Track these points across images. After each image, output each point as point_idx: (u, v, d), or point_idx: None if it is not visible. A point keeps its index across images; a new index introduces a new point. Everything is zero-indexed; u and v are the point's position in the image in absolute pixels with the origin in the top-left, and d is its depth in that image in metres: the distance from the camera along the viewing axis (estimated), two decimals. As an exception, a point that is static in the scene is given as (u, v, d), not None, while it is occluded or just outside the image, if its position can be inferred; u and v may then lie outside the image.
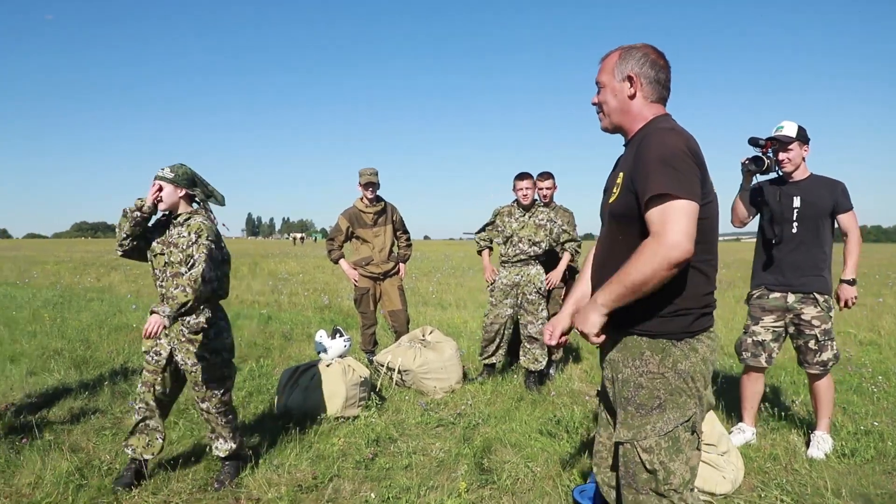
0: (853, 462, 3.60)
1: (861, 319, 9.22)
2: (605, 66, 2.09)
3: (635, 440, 1.93)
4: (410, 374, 5.19)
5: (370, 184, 5.81)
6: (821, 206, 3.72)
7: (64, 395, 4.88)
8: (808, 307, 3.74)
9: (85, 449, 3.76)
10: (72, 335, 7.50)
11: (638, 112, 2.04)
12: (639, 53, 2.03)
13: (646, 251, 1.77)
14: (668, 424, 1.91)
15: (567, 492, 3.19)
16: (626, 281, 1.80)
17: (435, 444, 3.94)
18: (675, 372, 1.92)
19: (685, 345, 1.93)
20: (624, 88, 2.03)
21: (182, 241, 3.21)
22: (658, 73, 2.03)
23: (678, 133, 1.90)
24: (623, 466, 1.99)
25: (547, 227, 5.30)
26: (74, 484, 3.22)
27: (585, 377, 5.72)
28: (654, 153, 1.84)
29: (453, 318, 9.35)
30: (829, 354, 3.74)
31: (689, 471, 1.95)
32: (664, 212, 1.78)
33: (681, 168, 1.81)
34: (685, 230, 1.74)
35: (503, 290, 5.38)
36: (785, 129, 3.72)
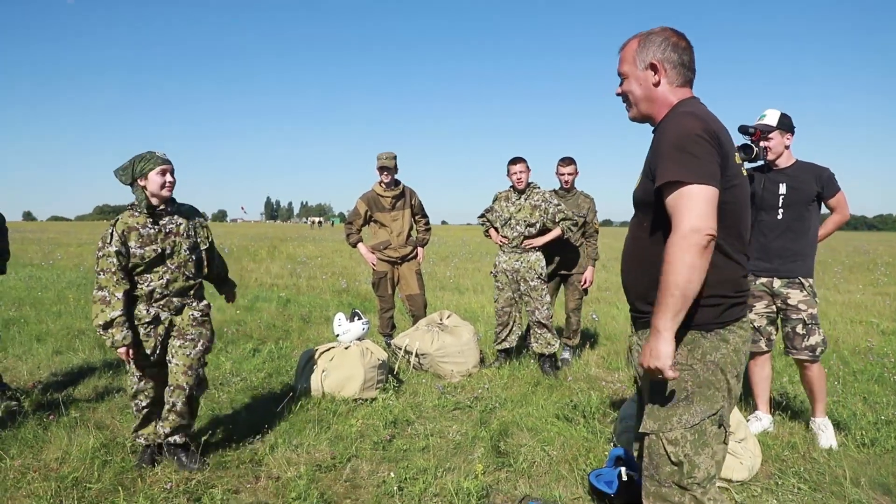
0: (873, 452, 3.57)
1: (884, 309, 9.09)
2: (625, 56, 2.03)
3: (661, 432, 1.90)
4: (428, 358, 5.22)
5: (384, 168, 5.81)
6: (806, 193, 3.73)
7: (88, 374, 4.99)
8: (794, 291, 3.75)
9: (109, 426, 3.85)
10: (95, 315, 7.63)
11: (664, 99, 1.99)
12: (658, 38, 1.98)
13: (671, 250, 1.73)
14: (695, 417, 1.87)
15: (583, 476, 3.21)
16: (671, 290, 1.73)
17: (452, 427, 3.97)
18: (704, 364, 1.87)
19: (715, 336, 1.88)
20: (648, 77, 1.98)
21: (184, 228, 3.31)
22: (681, 56, 1.97)
23: (696, 116, 1.84)
24: (647, 457, 1.96)
25: (542, 208, 5.29)
26: (100, 459, 3.30)
27: (602, 363, 5.72)
28: (670, 137, 1.81)
29: (471, 302, 9.37)
30: (817, 339, 3.72)
31: (715, 465, 1.91)
32: (678, 199, 1.75)
33: (695, 152, 1.76)
34: (701, 213, 1.71)
35: (505, 274, 5.41)
36: (767, 117, 3.75)
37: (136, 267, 3.14)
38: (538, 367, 5.35)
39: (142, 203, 3.14)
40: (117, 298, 3.07)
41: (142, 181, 3.12)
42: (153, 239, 3.16)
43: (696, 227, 1.70)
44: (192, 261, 3.30)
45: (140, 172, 3.10)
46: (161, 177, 3.12)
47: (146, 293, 3.18)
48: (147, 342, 3.21)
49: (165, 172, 3.13)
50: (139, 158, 3.12)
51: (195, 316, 3.34)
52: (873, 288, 11.95)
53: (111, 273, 3.08)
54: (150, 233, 3.15)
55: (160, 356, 3.28)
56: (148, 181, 3.11)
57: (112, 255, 3.08)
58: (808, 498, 3.02)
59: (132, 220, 3.15)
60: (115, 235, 3.09)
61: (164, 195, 3.15)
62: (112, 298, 3.06)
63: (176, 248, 3.22)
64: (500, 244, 5.47)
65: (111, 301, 3.06)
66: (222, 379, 4.91)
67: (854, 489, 3.08)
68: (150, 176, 3.10)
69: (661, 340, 1.76)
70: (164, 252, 3.18)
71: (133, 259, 3.12)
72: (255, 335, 6.70)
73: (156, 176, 3.11)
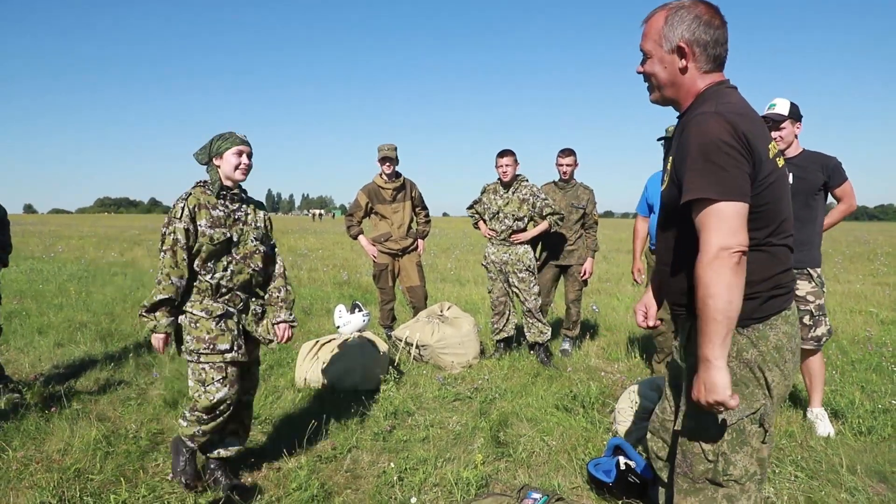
0: (870, 440, 3.59)
1: (883, 298, 9.11)
2: (650, 31, 1.83)
3: (697, 431, 1.84)
4: (428, 349, 5.24)
5: (386, 158, 5.82)
6: (812, 182, 3.71)
7: (90, 367, 5.01)
8: (803, 282, 3.75)
9: (111, 418, 3.87)
10: (97, 308, 7.67)
11: (691, 85, 1.82)
12: (689, 16, 1.76)
13: (706, 274, 1.62)
14: (732, 416, 1.79)
15: (582, 465, 3.23)
16: (715, 315, 1.61)
17: (452, 418, 3.99)
18: (740, 361, 1.78)
19: (752, 332, 1.78)
20: (674, 61, 1.80)
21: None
22: (715, 35, 1.77)
23: (722, 116, 1.66)
24: (680, 455, 1.90)
25: (529, 202, 5.30)
26: (102, 451, 3.32)
27: (602, 354, 5.74)
28: (694, 145, 1.67)
29: (471, 294, 9.39)
30: (823, 329, 3.74)
31: (756, 463, 1.82)
32: (706, 218, 1.64)
33: (723, 163, 1.62)
34: (729, 231, 1.61)
35: (495, 264, 5.44)
36: (777, 106, 3.72)
37: (201, 252, 2.86)
38: (535, 357, 5.38)
39: (215, 183, 2.93)
40: (171, 282, 2.80)
41: (217, 160, 2.93)
42: (222, 222, 2.91)
43: (725, 245, 1.60)
44: (260, 253, 3.04)
45: (217, 151, 2.91)
46: (237, 157, 2.91)
47: (212, 286, 2.90)
48: (223, 336, 2.90)
49: (241, 154, 2.92)
50: (218, 137, 2.94)
51: (257, 312, 3.11)
52: (873, 278, 11.96)
53: (172, 253, 2.81)
54: (219, 215, 2.91)
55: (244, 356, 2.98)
56: (223, 161, 2.91)
57: (179, 231, 2.81)
58: (805, 486, 3.05)
59: (203, 198, 2.91)
60: (185, 210, 2.83)
61: (238, 177, 2.94)
62: (164, 280, 2.80)
63: (243, 238, 2.99)
64: (487, 236, 5.49)
65: (162, 283, 2.81)
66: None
67: (850, 477, 3.10)
68: (226, 156, 2.90)
69: (713, 370, 1.64)
70: (232, 239, 2.94)
71: (202, 239, 2.84)
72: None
73: (231, 156, 2.90)
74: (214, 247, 2.87)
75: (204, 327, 2.88)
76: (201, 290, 2.90)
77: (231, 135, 2.93)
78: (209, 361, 2.87)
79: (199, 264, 2.88)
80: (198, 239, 2.85)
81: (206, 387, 2.87)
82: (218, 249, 2.89)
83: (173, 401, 4.13)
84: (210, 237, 2.86)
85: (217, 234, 2.87)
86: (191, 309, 2.90)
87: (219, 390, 2.87)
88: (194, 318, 2.89)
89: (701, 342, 1.66)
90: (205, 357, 2.86)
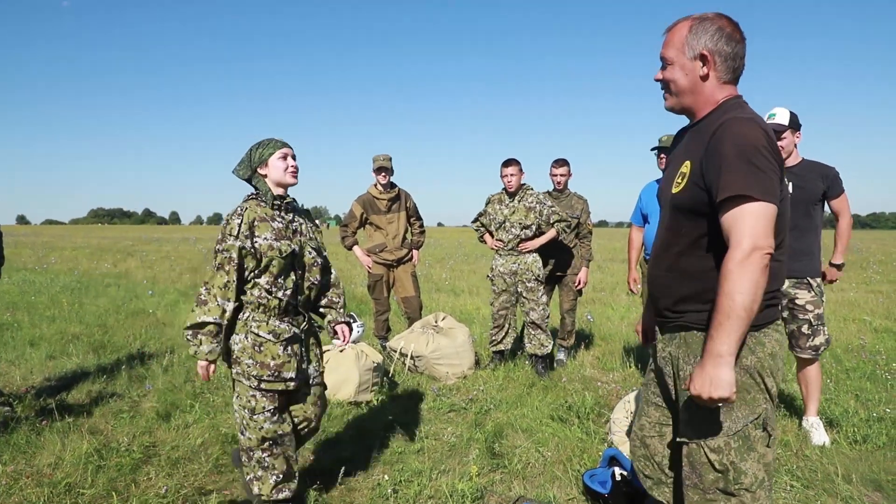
0: (865, 448, 3.59)
1: (876, 307, 9.14)
2: (673, 40, 1.87)
3: (702, 440, 1.82)
4: (423, 360, 5.22)
5: (382, 168, 5.82)
6: (812, 192, 3.71)
7: (82, 379, 4.98)
8: (802, 291, 3.75)
9: (103, 431, 3.84)
10: (90, 320, 7.62)
11: (710, 94, 1.86)
12: (713, 27, 1.82)
13: (734, 270, 1.63)
14: (737, 423, 1.79)
15: (578, 476, 3.22)
16: (738, 311, 1.63)
17: (447, 429, 3.97)
18: (741, 367, 1.79)
19: (751, 339, 1.80)
20: (696, 68, 1.84)
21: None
22: (735, 48, 1.82)
23: (757, 124, 1.71)
24: (688, 466, 1.88)
25: (536, 210, 5.30)
26: (93, 465, 3.29)
27: (597, 363, 5.73)
28: (732, 147, 1.68)
29: (466, 304, 9.38)
30: (822, 339, 3.74)
31: (763, 468, 1.82)
32: (740, 217, 1.66)
33: (761, 165, 1.66)
34: (762, 231, 1.64)
35: (502, 277, 5.40)
36: (777, 116, 3.71)
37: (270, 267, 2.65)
38: (532, 368, 5.36)
39: (267, 194, 2.72)
40: (217, 304, 2.58)
41: (262, 169, 2.73)
42: (284, 234, 2.71)
43: (758, 246, 1.63)
44: (318, 265, 2.84)
45: (259, 160, 2.72)
46: (283, 161, 2.72)
47: (277, 306, 2.68)
48: (289, 363, 2.69)
49: (287, 156, 2.73)
50: (256, 146, 2.75)
51: (314, 331, 2.92)
52: (866, 286, 12.00)
53: (224, 273, 2.60)
54: (280, 226, 2.70)
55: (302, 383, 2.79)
56: (269, 168, 2.72)
57: (234, 249, 2.60)
58: (801, 495, 3.04)
59: (260, 210, 2.70)
60: (241, 227, 2.62)
61: (289, 181, 2.74)
62: (211, 301, 2.58)
63: (302, 250, 2.78)
64: (494, 248, 5.47)
65: (209, 303, 2.58)
66: (217, 382, 4.90)
67: (846, 486, 3.09)
68: (271, 162, 2.71)
69: (722, 366, 1.65)
70: (295, 252, 2.73)
71: (270, 253, 2.62)
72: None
73: (277, 161, 2.71)
74: (284, 259, 2.66)
75: (270, 352, 2.66)
76: (268, 309, 2.68)
77: (270, 140, 2.76)
78: (270, 389, 2.65)
79: (269, 281, 2.65)
80: (263, 254, 2.63)
81: (253, 415, 2.66)
82: (287, 263, 2.69)
83: (166, 413, 4.10)
84: (279, 250, 2.65)
85: (284, 246, 2.66)
86: (256, 330, 2.66)
87: (267, 420, 2.66)
88: (259, 340, 2.66)
89: (715, 337, 1.66)
90: (266, 384, 2.64)
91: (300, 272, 2.76)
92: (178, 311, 8.35)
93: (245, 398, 2.66)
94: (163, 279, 12.70)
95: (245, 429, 2.69)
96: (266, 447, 2.69)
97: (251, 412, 2.66)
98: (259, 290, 2.65)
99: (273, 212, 2.72)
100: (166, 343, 6.34)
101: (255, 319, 2.67)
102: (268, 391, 2.65)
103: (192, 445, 3.60)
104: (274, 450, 2.71)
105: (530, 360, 5.43)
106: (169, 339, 6.57)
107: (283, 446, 2.74)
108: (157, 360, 5.56)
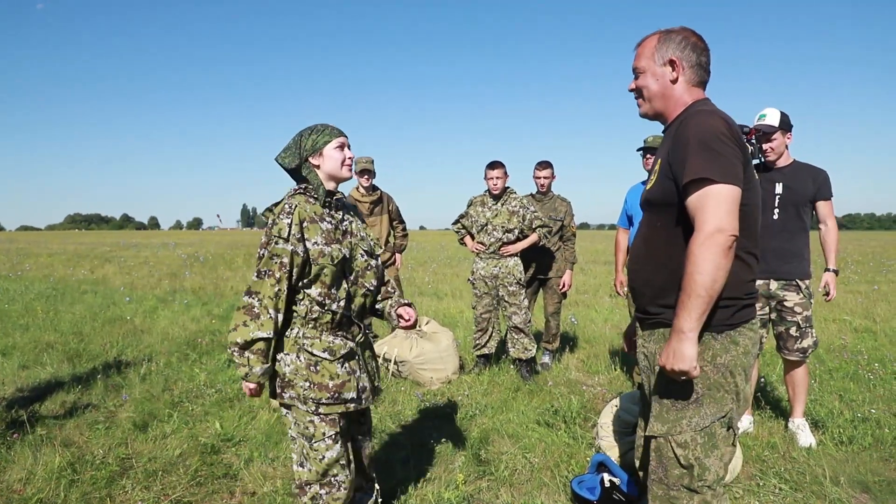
0: (851, 449, 3.59)
1: (856, 307, 9.23)
2: (644, 51, 2.02)
3: (670, 434, 1.88)
4: (407, 365, 5.16)
5: (365, 171, 5.76)
6: (802, 193, 3.70)
7: (56, 389, 4.84)
8: (791, 293, 3.73)
9: (77, 443, 3.72)
10: (65, 328, 7.45)
11: (679, 97, 1.98)
12: (679, 37, 1.97)
13: (697, 251, 1.71)
14: (705, 420, 1.86)
15: (565, 482, 3.17)
16: (698, 290, 1.71)
17: (432, 436, 3.91)
18: (714, 366, 1.85)
19: (725, 338, 1.86)
20: (666, 73, 1.97)
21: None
22: (699, 57, 1.97)
23: (718, 115, 1.83)
24: (655, 461, 1.94)
25: (520, 214, 5.26)
26: (66, 479, 3.18)
27: (583, 367, 5.70)
28: (693, 135, 1.79)
29: (449, 308, 9.32)
30: (810, 341, 3.73)
31: (723, 467, 1.90)
32: (703, 198, 1.74)
33: (721, 150, 1.75)
34: (726, 216, 1.71)
35: (483, 280, 5.36)
36: (768, 117, 3.69)
37: (321, 276, 2.33)
38: (517, 372, 5.32)
39: (318, 188, 2.39)
40: (269, 316, 2.25)
41: (315, 159, 2.39)
42: (334, 236, 2.38)
43: (720, 227, 1.70)
44: (372, 269, 2.52)
45: (313, 148, 2.38)
46: (340, 151, 2.40)
47: (331, 320, 2.38)
48: (350, 383, 2.39)
49: (344, 146, 2.42)
50: (309, 131, 2.41)
51: (370, 342, 2.64)
52: (844, 286, 12.13)
53: (275, 281, 2.25)
54: (329, 228, 2.37)
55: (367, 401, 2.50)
56: (323, 159, 2.38)
57: (286, 254, 2.26)
58: (790, 498, 3.02)
59: (310, 209, 2.36)
60: (292, 228, 2.28)
61: (345, 175, 2.43)
62: (263, 314, 2.24)
63: (354, 253, 2.47)
64: (475, 251, 5.42)
65: (261, 316, 2.24)
66: (196, 391, 4.80)
67: (834, 488, 3.08)
68: (327, 151, 2.38)
69: (685, 342, 1.74)
70: (346, 257, 2.41)
71: (321, 260, 2.30)
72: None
73: (334, 151, 2.38)
74: (335, 267, 2.34)
75: (327, 372, 2.35)
76: (321, 324, 2.36)
77: (325, 126, 2.42)
78: (329, 413, 2.35)
79: (321, 292, 2.33)
80: (314, 261, 2.31)
81: (312, 443, 2.36)
82: (338, 270, 2.37)
83: (143, 423, 3.99)
84: (331, 256, 2.32)
85: (335, 252, 2.34)
86: (310, 348, 2.34)
87: (329, 448, 2.36)
88: (314, 359, 2.35)
89: (678, 314, 1.76)
90: (325, 408, 2.34)
91: (353, 279, 2.44)
92: (156, 318, 8.20)
93: (302, 425, 2.36)
94: (141, 285, 12.49)
95: (305, 459, 2.39)
96: (326, 482, 2.39)
97: (309, 440, 2.35)
98: (310, 303, 2.34)
99: (323, 210, 2.40)
100: (144, 351, 6.21)
101: (306, 336, 2.35)
102: (327, 415, 2.36)
103: (170, 457, 3.50)
104: (333, 486, 2.41)
105: (514, 365, 5.39)
106: (147, 346, 6.43)
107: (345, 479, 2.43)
108: (134, 369, 5.43)
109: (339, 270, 2.37)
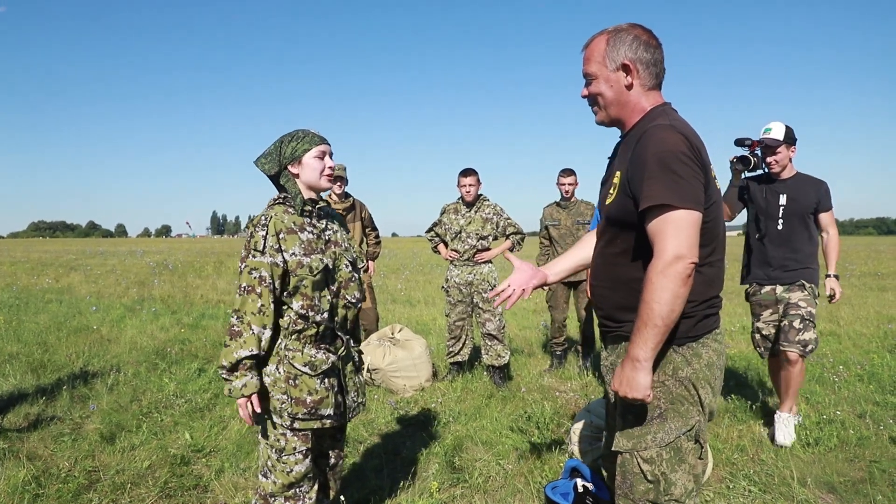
0: (817, 451, 3.66)
1: (820, 310, 9.43)
2: (592, 55, 1.89)
3: (635, 450, 1.84)
4: (380, 373, 5.13)
5: (337, 178, 5.73)
6: (805, 204, 3.86)
7: (20, 401, 4.71)
8: (796, 292, 3.87)
9: (42, 456, 3.63)
10: (28, 338, 7.25)
11: (636, 102, 1.88)
12: (629, 37, 1.84)
13: (655, 279, 1.65)
14: (670, 434, 1.81)
15: (539, 489, 3.18)
16: (654, 320, 1.66)
17: (405, 444, 3.89)
18: (676, 379, 1.81)
19: (687, 350, 1.82)
20: (620, 78, 1.85)
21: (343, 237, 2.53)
22: (653, 55, 1.86)
23: (678, 131, 1.74)
24: (620, 476, 1.89)
25: (493, 221, 5.31)
26: (31, 493, 3.10)
27: (555, 373, 5.74)
28: (653, 155, 1.70)
29: (422, 315, 9.31)
30: (811, 335, 3.78)
31: (693, 479, 1.86)
32: (662, 224, 1.67)
33: (681, 172, 1.67)
34: (686, 242, 1.65)
35: (458, 288, 5.37)
36: (773, 131, 3.83)
37: (301, 288, 2.29)
38: (490, 379, 5.33)
39: (297, 198, 2.34)
40: (252, 333, 2.20)
41: (294, 167, 2.34)
42: (315, 246, 2.33)
43: (680, 255, 1.64)
44: (355, 281, 2.47)
45: (292, 156, 2.33)
46: (320, 161, 2.34)
47: (315, 333, 2.33)
48: (328, 399, 2.34)
49: (325, 154, 2.36)
50: (290, 137, 2.35)
51: (355, 359, 2.55)
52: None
53: (256, 296, 2.22)
54: (310, 237, 2.33)
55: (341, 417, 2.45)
56: (302, 167, 2.34)
57: (264, 267, 2.23)
58: (759, 500, 3.08)
59: (288, 219, 2.31)
60: (268, 240, 2.24)
61: (325, 186, 2.38)
62: (245, 331, 2.21)
63: (337, 263, 2.41)
64: (449, 259, 5.43)
65: (243, 334, 2.21)
66: (166, 401, 4.71)
67: (801, 489, 3.14)
68: (306, 160, 2.33)
69: (639, 370, 1.70)
70: (328, 267, 2.37)
71: (300, 272, 2.26)
72: (200, 354, 6.47)
73: (313, 160, 2.33)
74: (316, 278, 2.29)
75: (306, 386, 2.30)
76: (304, 336, 2.32)
77: (306, 133, 2.36)
78: (304, 428, 2.32)
79: (305, 304, 2.28)
80: (293, 272, 2.27)
81: (282, 456, 2.32)
82: (320, 281, 2.32)
83: (111, 435, 3.91)
84: (309, 267, 2.28)
85: (315, 262, 2.29)
86: (291, 360, 2.30)
87: (298, 462, 2.33)
88: (294, 372, 2.29)
89: (633, 341, 1.71)
90: (301, 423, 2.30)
91: (335, 290, 2.39)
92: (124, 327, 8.04)
93: (273, 436, 2.32)
94: (108, 294, 12.24)
95: (270, 471, 2.35)
96: (291, 494, 2.35)
97: (279, 453, 2.32)
98: (293, 315, 2.30)
99: (303, 219, 2.35)
100: (111, 361, 6.08)
101: (288, 348, 2.30)
102: (301, 430, 2.32)
103: (138, 469, 3.43)
104: (298, 498, 2.37)
105: (487, 371, 5.40)
106: (114, 356, 6.30)
107: (310, 491, 2.40)
108: (101, 379, 5.31)
109: (322, 281, 2.33)
